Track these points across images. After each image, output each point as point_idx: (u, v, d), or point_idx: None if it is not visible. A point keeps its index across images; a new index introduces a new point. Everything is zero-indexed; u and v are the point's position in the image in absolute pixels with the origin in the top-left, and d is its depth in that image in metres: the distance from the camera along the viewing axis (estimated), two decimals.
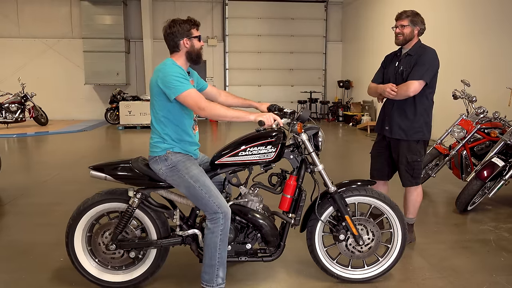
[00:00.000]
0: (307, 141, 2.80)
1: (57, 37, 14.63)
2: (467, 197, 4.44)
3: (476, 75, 7.76)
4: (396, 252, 2.99)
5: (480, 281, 3.06)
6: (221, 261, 2.68)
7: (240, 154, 2.74)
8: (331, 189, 2.85)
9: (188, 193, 2.69)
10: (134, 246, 2.83)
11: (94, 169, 2.83)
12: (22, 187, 5.63)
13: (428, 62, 3.41)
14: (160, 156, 2.72)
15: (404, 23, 3.49)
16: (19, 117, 11.97)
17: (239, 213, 2.82)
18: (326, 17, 15.71)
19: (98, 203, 2.82)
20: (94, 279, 2.87)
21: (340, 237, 2.90)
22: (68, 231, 2.84)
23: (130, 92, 14.61)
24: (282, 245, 2.89)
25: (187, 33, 2.72)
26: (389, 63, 3.69)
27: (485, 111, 5.00)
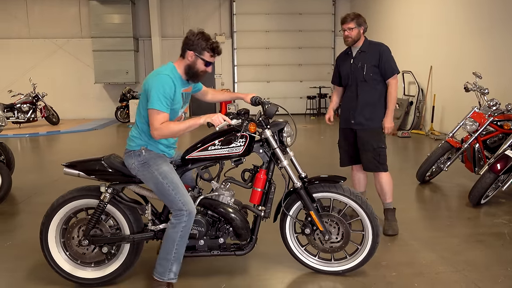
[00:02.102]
0: (270, 137, 2.82)
1: (67, 37, 14.74)
2: (480, 190, 4.39)
3: (488, 67, 7.67)
4: (365, 253, 2.97)
5: (495, 275, 3.03)
6: (177, 256, 2.71)
7: (209, 148, 2.80)
8: (297, 185, 2.89)
9: (156, 189, 2.73)
10: (106, 241, 2.85)
11: (67, 166, 2.87)
12: (35, 186, 5.71)
13: (389, 57, 3.83)
14: (134, 151, 2.78)
15: (350, 25, 3.79)
16: (31, 117, 12.11)
17: (210, 207, 2.87)
18: (335, 12, 15.60)
19: (71, 200, 2.85)
20: (68, 275, 2.90)
21: (306, 231, 2.97)
22: (42, 229, 2.87)
23: (139, 90, 14.67)
24: (254, 239, 2.93)
25: (199, 50, 2.72)
26: (342, 62, 4.00)
27: (497, 103, 4.94)
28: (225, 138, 2.78)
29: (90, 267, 2.94)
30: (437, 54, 9.82)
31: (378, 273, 3.09)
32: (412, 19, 10.93)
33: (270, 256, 3.34)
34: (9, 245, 3.70)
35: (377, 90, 3.82)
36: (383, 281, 2.98)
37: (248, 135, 2.77)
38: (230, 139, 2.77)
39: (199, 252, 2.92)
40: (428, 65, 10.10)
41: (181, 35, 15.15)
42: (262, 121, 2.81)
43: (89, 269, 2.93)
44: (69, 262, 2.92)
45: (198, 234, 2.85)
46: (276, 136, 2.86)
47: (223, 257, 3.25)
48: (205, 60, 2.75)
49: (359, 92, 3.82)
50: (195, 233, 2.84)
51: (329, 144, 9.57)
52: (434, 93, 9.94)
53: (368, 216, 2.91)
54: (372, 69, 3.77)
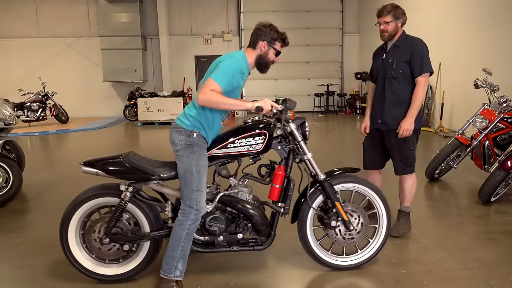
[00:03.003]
0: (295, 130, 2.82)
1: (75, 36, 14.85)
2: (491, 188, 4.35)
3: (498, 63, 7.59)
4: (384, 231, 3.06)
5: (506, 273, 3.01)
6: (182, 254, 2.71)
7: (228, 146, 2.79)
8: (321, 177, 2.89)
9: (183, 175, 2.71)
10: (128, 239, 2.87)
11: (85, 165, 2.86)
12: (46, 183, 5.76)
13: (423, 54, 3.53)
14: (186, 130, 2.75)
15: (387, 19, 3.53)
16: (40, 115, 12.22)
17: (230, 203, 2.87)
18: (342, 9, 15.54)
19: (90, 198, 2.85)
20: (89, 272, 2.91)
21: (332, 224, 2.94)
22: (61, 228, 2.87)
23: (147, 88, 14.75)
24: (273, 234, 2.94)
25: (271, 40, 2.80)
26: (376, 57, 3.76)
27: (508, 100, 4.89)
28: (246, 135, 2.79)
29: (110, 264, 2.96)
30: (446, 51, 9.74)
31: (388, 271, 3.08)
32: (420, 15, 10.84)
33: (278, 254, 3.34)
34: (20, 242, 3.74)
35: (407, 89, 3.52)
36: (392, 278, 2.97)
37: (267, 132, 2.79)
38: (250, 136, 2.78)
39: (218, 247, 2.92)
40: (437, 62, 10.02)
41: (189, 34, 15.22)
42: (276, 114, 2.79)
43: (110, 266, 2.95)
44: (90, 259, 2.94)
45: (218, 231, 2.85)
46: (299, 129, 2.86)
47: (230, 254, 3.27)
48: (276, 50, 2.82)
49: (387, 89, 3.56)
50: (215, 230, 2.84)
51: (337, 142, 9.55)
52: (443, 90, 9.87)
53: (385, 207, 3.01)
54: (402, 66, 3.49)
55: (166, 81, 14.69)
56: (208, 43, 15.34)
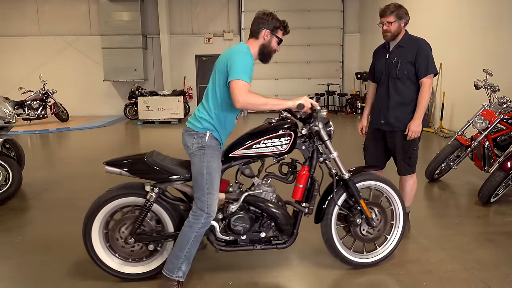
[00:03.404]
0: (322, 129, 2.82)
1: (76, 35, 14.86)
2: (490, 188, 4.35)
3: (499, 64, 7.58)
4: (400, 228, 3.16)
5: (505, 274, 3.01)
6: (187, 256, 2.71)
7: (254, 146, 2.78)
8: (345, 176, 2.92)
9: (195, 177, 2.71)
10: (153, 239, 2.87)
11: (108, 164, 2.83)
12: (46, 182, 5.77)
13: (428, 55, 3.49)
14: (198, 132, 2.73)
15: (390, 19, 3.49)
16: (41, 113, 12.23)
17: (255, 203, 2.86)
18: (343, 8, 15.54)
19: (115, 198, 2.84)
20: (115, 272, 2.92)
21: (357, 221, 2.99)
22: (85, 228, 2.86)
23: (148, 87, 14.76)
24: (295, 233, 2.95)
25: (273, 28, 2.78)
26: (378, 57, 3.71)
27: (508, 100, 4.89)
28: (272, 136, 2.77)
29: (135, 263, 2.96)
30: (448, 51, 9.73)
31: (387, 271, 3.09)
32: (422, 15, 10.83)
33: (276, 254, 3.34)
34: (19, 241, 3.74)
35: (411, 89, 3.50)
36: (391, 279, 2.97)
37: (293, 132, 2.79)
38: (276, 137, 2.77)
39: (241, 246, 2.92)
40: (438, 62, 10.00)
41: (190, 33, 15.21)
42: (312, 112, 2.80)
43: (134, 265, 2.96)
44: (114, 258, 2.94)
45: (242, 230, 2.84)
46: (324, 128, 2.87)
47: (229, 254, 3.28)
48: (279, 38, 2.81)
49: (391, 90, 3.53)
50: (240, 230, 2.83)
51: (338, 142, 9.53)
52: (444, 91, 9.87)
53: (402, 205, 3.11)
54: (407, 66, 3.47)
55: (166, 80, 14.69)
56: (209, 42, 15.34)
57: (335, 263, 3.14)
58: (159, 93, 13.33)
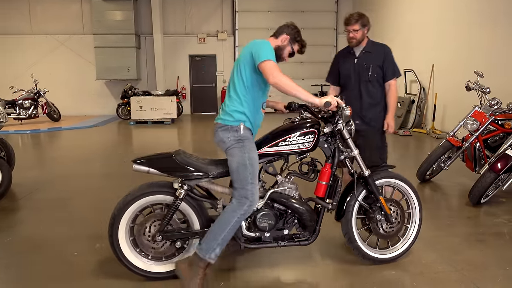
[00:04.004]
0: (344, 128, 2.93)
1: (69, 34, 14.76)
2: (481, 189, 4.38)
3: (490, 66, 7.64)
4: (415, 231, 3.27)
5: (494, 274, 3.03)
6: (224, 240, 2.74)
7: (280, 144, 2.87)
8: (366, 173, 3.03)
9: (236, 168, 2.74)
10: (180, 236, 2.90)
11: (137, 163, 2.85)
12: (36, 182, 5.72)
13: (393, 59, 3.86)
14: (232, 126, 2.79)
15: (355, 27, 3.73)
16: (32, 113, 12.13)
17: (280, 200, 2.93)
18: (337, 9, 15.58)
19: (143, 195, 2.85)
20: (141, 271, 2.92)
21: (377, 217, 3.10)
22: (111, 226, 2.86)
23: (141, 87, 14.69)
24: (318, 229, 3.01)
25: (292, 38, 2.97)
26: (343, 61, 3.95)
27: (499, 102, 4.93)
28: (298, 134, 2.86)
29: (161, 261, 2.97)
30: (439, 52, 9.80)
31: (377, 272, 3.10)
32: (415, 17, 10.90)
33: (262, 255, 3.34)
34: (9, 241, 3.71)
35: (379, 91, 3.84)
36: (382, 280, 2.98)
37: (317, 130, 2.89)
38: (302, 134, 2.86)
39: (265, 243, 2.97)
40: (430, 64, 10.08)
41: (183, 32, 15.17)
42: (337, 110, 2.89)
43: (161, 263, 2.96)
44: (139, 257, 2.94)
45: (268, 227, 2.91)
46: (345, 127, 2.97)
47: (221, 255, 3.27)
48: (292, 50, 2.99)
49: (363, 92, 3.82)
50: (265, 226, 2.90)
51: None
52: (436, 92, 9.93)
53: (418, 201, 3.23)
54: (376, 70, 3.79)
55: (159, 80, 14.63)
56: (203, 42, 15.31)
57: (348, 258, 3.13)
58: (152, 93, 13.27)
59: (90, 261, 3.28)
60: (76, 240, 3.69)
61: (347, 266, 3.19)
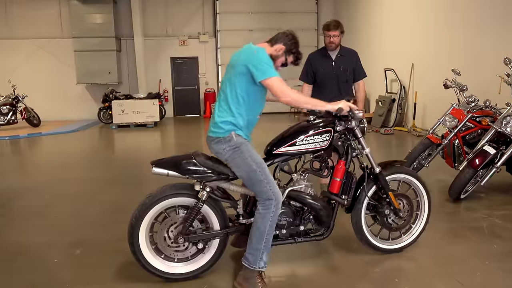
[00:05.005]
0: (357, 128, 3.00)
1: (47, 37, 14.51)
2: (460, 185, 4.46)
3: (466, 64, 7.79)
4: (425, 217, 3.39)
5: (474, 268, 3.09)
6: (266, 245, 2.76)
7: (297, 143, 2.92)
8: (377, 170, 3.12)
9: (247, 176, 2.75)
10: (202, 237, 2.90)
11: (156, 165, 2.82)
12: (15, 189, 5.61)
13: (361, 63, 4.41)
14: (224, 137, 2.77)
15: (336, 33, 4.17)
16: (11, 119, 11.90)
17: (298, 198, 2.98)
18: (317, 10, 15.68)
19: (166, 197, 2.83)
20: (162, 273, 2.91)
21: (386, 212, 3.22)
22: (132, 229, 2.82)
23: (122, 90, 14.54)
24: (332, 224, 3.09)
25: (288, 48, 2.90)
26: (319, 63, 4.34)
27: (476, 99, 5.01)
28: (315, 133, 2.93)
29: (181, 263, 2.96)
30: (418, 51, 9.95)
31: (360, 270, 3.12)
32: (397, 17, 11.05)
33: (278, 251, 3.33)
34: None
35: (351, 89, 4.40)
36: (365, 278, 3.00)
37: (332, 129, 2.96)
38: (318, 133, 2.93)
39: (282, 240, 3.02)
40: (410, 63, 10.22)
41: (164, 35, 15.08)
42: (349, 113, 2.94)
43: (181, 265, 2.96)
44: (159, 259, 2.92)
45: (286, 224, 2.97)
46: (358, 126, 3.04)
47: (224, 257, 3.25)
48: (286, 60, 2.92)
49: (342, 91, 4.22)
50: (284, 224, 2.96)
51: None
52: (416, 90, 10.07)
53: (427, 196, 3.32)
54: (350, 71, 4.30)
55: (141, 83, 14.50)
56: (184, 44, 15.24)
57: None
58: (134, 96, 13.15)
59: (70, 268, 3.23)
60: (56, 247, 3.63)
61: (328, 262, 3.21)
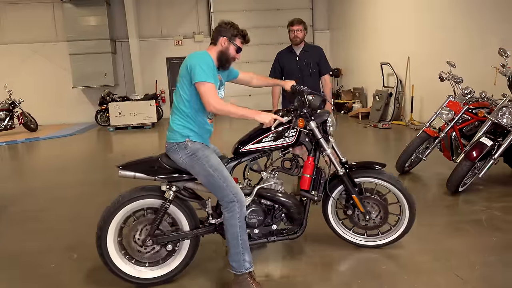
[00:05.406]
0: (315, 128, 2.98)
1: (42, 41, 14.46)
2: (458, 178, 4.43)
3: (462, 55, 7.76)
4: (406, 222, 3.26)
5: (473, 262, 3.06)
6: (244, 246, 2.76)
7: (263, 140, 2.93)
8: (340, 172, 3.10)
9: (206, 182, 2.77)
10: (171, 239, 2.87)
11: (122, 168, 2.83)
12: (13, 194, 5.58)
13: (326, 58, 4.79)
14: (179, 144, 2.78)
15: (300, 28, 4.55)
16: (8, 124, 11.86)
17: (268, 196, 2.98)
18: (312, 6, 15.64)
19: (134, 199, 2.81)
20: (134, 278, 2.88)
21: (348, 212, 3.22)
22: (99, 234, 2.80)
23: (119, 92, 14.49)
24: (305, 222, 3.09)
25: (231, 36, 2.87)
26: (286, 59, 4.70)
27: (472, 91, 4.99)
28: (278, 131, 2.91)
29: (151, 267, 2.93)
30: (414, 45, 9.91)
31: (363, 267, 3.11)
32: (391, 10, 11.01)
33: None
34: None
35: (317, 83, 4.68)
36: (368, 274, 2.98)
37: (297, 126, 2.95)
38: (282, 131, 2.92)
39: (254, 240, 3.01)
40: (406, 56, 10.19)
41: (159, 35, 15.03)
42: (307, 113, 2.95)
43: (150, 269, 2.92)
44: (131, 265, 2.89)
45: (257, 223, 2.95)
46: (320, 126, 3.02)
47: (197, 260, 3.24)
48: (236, 46, 2.88)
49: (306, 84, 4.26)
50: (255, 222, 2.95)
51: None
52: (413, 84, 10.04)
53: (405, 197, 3.18)
54: (315, 66, 4.62)
55: (138, 84, 14.44)
56: (179, 45, 15.18)
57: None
58: (131, 97, 13.11)
59: (67, 272, 3.21)
60: (53, 251, 3.61)
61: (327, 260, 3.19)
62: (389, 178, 3.16)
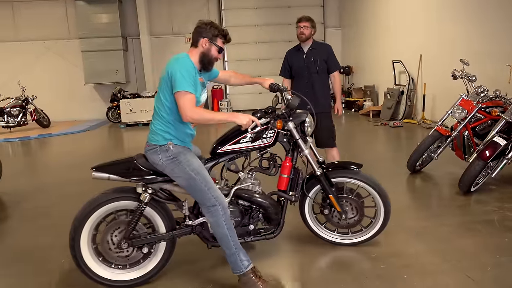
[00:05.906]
0: (293, 129, 2.98)
1: (55, 39, 14.60)
2: (470, 178, 4.37)
3: (475, 53, 7.65)
4: (378, 225, 3.29)
5: (484, 263, 3.02)
6: (237, 246, 2.74)
7: (241, 141, 2.92)
8: (317, 172, 3.11)
9: (187, 185, 2.74)
10: (147, 241, 2.85)
11: (96, 170, 2.81)
12: (25, 190, 5.65)
13: (334, 55, 4.71)
14: (161, 146, 2.75)
15: (306, 24, 4.51)
16: (21, 120, 11.99)
17: (245, 196, 2.97)
18: (323, 4, 15.54)
19: (108, 201, 2.79)
20: (108, 281, 2.85)
21: (325, 212, 3.27)
22: (73, 236, 2.77)
23: (130, 89, 14.58)
24: (282, 222, 3.08)
25: (212, 36, 2.81)
26: (294, 57, 4.69)
27: (485, 90, 4.92)
28: (255, 132, 2.90)
29: (126, 269, 2.90)
30: (427, 43, 9.80)
31: (368, 266, 3.08)
32: (403, 8, 10.90)
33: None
34: None
35: (325, 80, 4.65)
36: (372, 274, 2.96)
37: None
38: (260, 132, 2.91)
39: None
40: (418, 54, 10.08)
41: (170, 33, 15.07)
42: (285, 114, 2.97)
43: (126, 271, 2.90)
44: (105, 268, 2.87)
45: (234, 224, 2.92)
46: (298, 127, 3.02)
47: (207, 257, 3.25)
48: (218, 46, 2.83)
49: (314, 82, 4.53)
50: (232, 223, 2.88)
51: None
52: (425, 82, 9.93)
53: (380, 195, 3.18)
54: (322, 64, 4.56)
55: (148, 81, 14.51)
56: (190, 42, 15.19)
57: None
58: (142, 94, 13.18)
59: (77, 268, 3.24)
60: (64, 247, 3.61)
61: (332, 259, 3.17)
62: (364, 178, 3.18)
